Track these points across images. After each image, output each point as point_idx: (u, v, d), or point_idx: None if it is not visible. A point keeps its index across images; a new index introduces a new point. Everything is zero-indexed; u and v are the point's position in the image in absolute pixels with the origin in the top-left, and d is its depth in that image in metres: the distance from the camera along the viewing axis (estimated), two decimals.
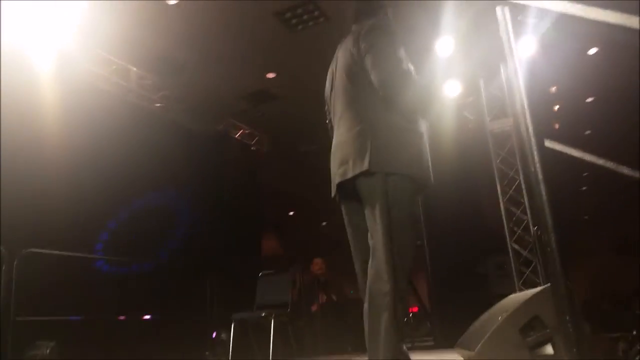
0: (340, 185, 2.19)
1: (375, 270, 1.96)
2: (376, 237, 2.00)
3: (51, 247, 4.77)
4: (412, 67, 2.17)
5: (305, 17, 5.79)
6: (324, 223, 15.63)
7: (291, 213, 14.41)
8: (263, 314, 4.56)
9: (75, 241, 5.18)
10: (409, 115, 2.11)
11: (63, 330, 4.64)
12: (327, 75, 2.48)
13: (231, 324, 4.80)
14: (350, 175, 2.09)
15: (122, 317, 5.52)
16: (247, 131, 8.45)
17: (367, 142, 2.04)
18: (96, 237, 5.72)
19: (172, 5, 5.46)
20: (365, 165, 2.02)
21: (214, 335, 6.11)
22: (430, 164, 2.16)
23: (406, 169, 2.04)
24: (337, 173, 2.20)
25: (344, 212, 2.31)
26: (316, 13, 5.73)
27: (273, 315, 4.50)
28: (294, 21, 5.86)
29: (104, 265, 5.76)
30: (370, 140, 2.05)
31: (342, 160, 2.16)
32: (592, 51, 6.94)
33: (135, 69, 6.50)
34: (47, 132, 5.12)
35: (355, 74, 2.17)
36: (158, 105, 6.96)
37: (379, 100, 2.09)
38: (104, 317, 5.29)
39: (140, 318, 5.77)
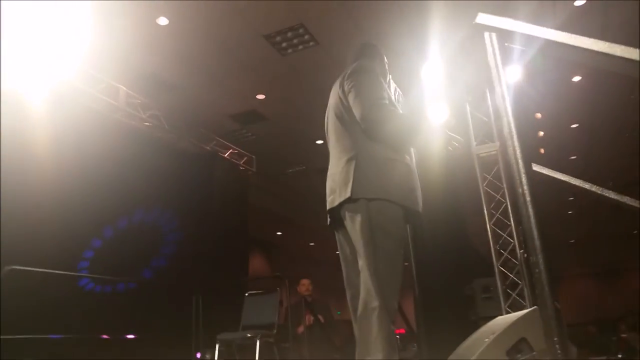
0: (330, 214, 2.33)
1: (365, 287, 2.07)
2: (362, 259, 2.11)
3: (34, 265, 4.70)
4: (400, 96, 2.28)
5: (295, 40, 5.86)
6: (311, 243, 15.60)
7: (279, 233, 14.37)
8: (249, 335, 4.51)
9: (60, 259, 5.11)
10: (394, 146, 2.23)
11: (45, 349, 4.56)
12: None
13: (216, 345, 4.74)
14: (336, 203, 2.23)
15: (105, 336, 5.43)
16: (235, 151, 8.46)
17: (351, 172, 2.18)
18: (81, 255, 5.65)
19: (163, 25, 5.50)
20: (348, 193, 2.15)
21: (199, 355, 6.02)
22: (418, 192, 2.27)
23: (388, 195, 2.14)
24: (327, 202, 2.34)
25: (337, 241, 2.43)
26: (306, 37, 5.80)
27: (259, 336, 4.46)
28: (284, 44, 5.92)
29: (88, 283, 5.68)
30: (354, 169, 2.18)
31: (331, 189, 2.32)
32: (576, 79, 7.09)
33: (124, 87, 6.50)
34: (34, 148, 5.09)
35: (342, 111, 2.33)
36: (147, 124, 6.95)
37: (364, 134, 2.23)
38: (87, 336, 5.20)
39: (124, 337, 5.68)
